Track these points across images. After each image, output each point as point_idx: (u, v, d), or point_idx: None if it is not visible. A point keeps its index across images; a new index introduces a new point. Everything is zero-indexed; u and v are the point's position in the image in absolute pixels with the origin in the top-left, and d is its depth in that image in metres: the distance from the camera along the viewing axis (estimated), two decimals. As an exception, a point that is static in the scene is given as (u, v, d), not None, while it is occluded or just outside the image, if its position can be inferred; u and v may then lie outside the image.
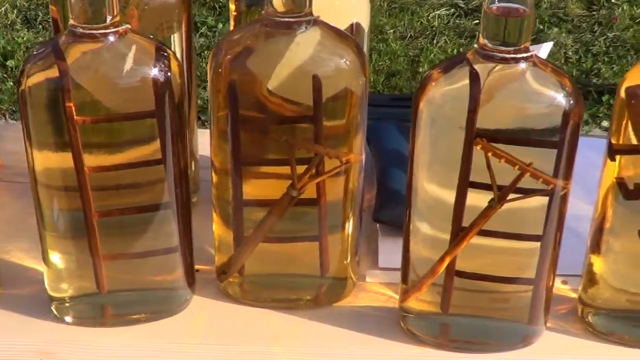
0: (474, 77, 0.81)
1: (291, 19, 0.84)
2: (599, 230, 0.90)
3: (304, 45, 0.85)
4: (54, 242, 0.90)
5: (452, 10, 3.38)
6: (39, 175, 0.87)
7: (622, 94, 0.84)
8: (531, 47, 0.82)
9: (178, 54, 1.00)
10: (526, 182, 0.83)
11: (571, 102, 0.81)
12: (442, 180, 0.85)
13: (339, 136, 0.88)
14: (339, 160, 0.88)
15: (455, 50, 3.05)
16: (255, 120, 0.87)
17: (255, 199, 0.91)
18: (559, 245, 0.88)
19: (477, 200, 0.84)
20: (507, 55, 0.80)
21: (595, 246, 0.91)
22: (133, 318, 0.93)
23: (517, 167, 0.82)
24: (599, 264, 0.91)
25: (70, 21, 0.82)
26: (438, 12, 3.37)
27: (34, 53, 0.85)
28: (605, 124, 2.69)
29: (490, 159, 0.82)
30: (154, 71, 0.84)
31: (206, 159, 0.96)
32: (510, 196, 0.83)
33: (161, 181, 0.88)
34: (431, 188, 0.85)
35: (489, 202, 0.84)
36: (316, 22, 0.86)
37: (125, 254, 0.91)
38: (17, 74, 0.97)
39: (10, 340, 0.91)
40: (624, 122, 0.84)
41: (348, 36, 0.89)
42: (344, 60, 0.86)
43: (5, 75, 2.91)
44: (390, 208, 1.02)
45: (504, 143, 0.81)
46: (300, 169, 0.88)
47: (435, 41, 3.17)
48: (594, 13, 3.39)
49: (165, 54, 0.85)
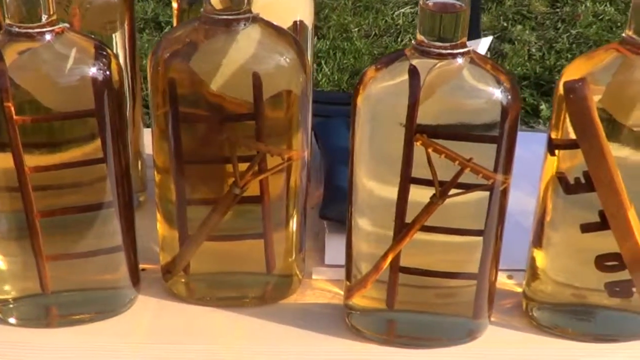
0: (413, 73, 0.81)
1: (230, 17, 0.84)
2: (540, 224, 0.90)
3: (243, 43, 0.85)
4: (-4, 244, 0.90)
5: (417, 8, 3.38)
6: (-21, 176, 0.87)
7: (561, 89, 0.84)
8: (469, 43, 0.82)
9: (121, 53, 1.00)
10: (467, 177, 0.83)
11: (509, 98, 0.81)
12: (382, 177, 0.85)
13: (281, 133, 0.88)
14: (281, 158, 0.88)
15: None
16: (196, 118, 0.87)
17: (199, 198, 0.91)
18: (500, 239, 0.88)
19: (420, 196, 0.84)
20: (444, 51, 0.80)
21: (537, 240, 0.91)
22: (78, 318, 0.93)
23: (458, 163, 0.82)
24: (540, 258, 0.91)
25: (7, 20, 0.82)
26: (402, 10, 3.38)
27: (-28, 53, 0.84)
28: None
29: (431, 154, 0.82)
30: (93, 70, 0.84)
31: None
32: (452, 191, 0.84)
33: (103, 180, 0.88)
34: (371, 184, 0.85)
35: (431, 198, 0.84)
36: (256, 20, 0.86)
37: (69, 254, 0.90)
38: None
39: (-47, 342, 0.91)
40: (563, 117, 0.84)
41: (288, 34, 0.89)
42: (284, 57, 0.86)
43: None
44: (336, 205, 1.03)
45: (443, 139, 0.82)
46: (244, 166, 0.88)
47: (399, 39, 3.18)
48: (558, 10, 3.42)
49: (105, 53, 0.85)
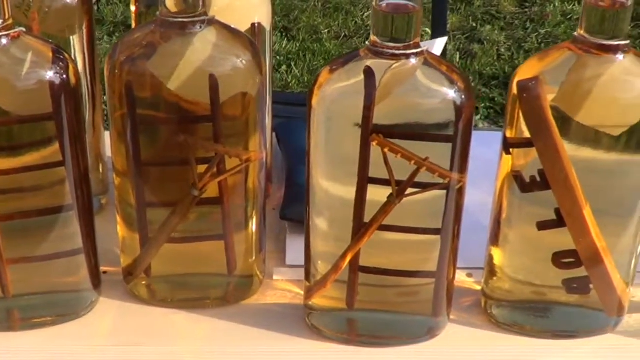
0: (369, 74, 0.82)
1: (185, 19, 0.85)
2: (496, 223, 0.91)
3: (199, 45, 0.85)
4: (-44, 248, 0.90)
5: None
6: (-62, 181, 0.87)
7: (514, 88, 0.85)
8: (424, 44, 0.83)
9: (80, 56, 1.00)
10: (424, 177, 0.84)
11: (463, 97, 0.82)
12: (339, 177, 0.86)
13: (239, 135, 0.89)
14: (239, 159, 0.89)
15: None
16: (153, 121, 0.87)
17: (158, 200, 0.91)
18: (457, 237, 0.89)
19: (377, 195, 0.85)
20: (397, 52, 0.81)
21: (494, 238, 0.92)
22: (39, 321, 0.93)
23: (414, 162, 0.83)
24: (497, 256, 0.92)
25: (-37, 25, 0.82)
26: (372, 12, 3.39)
27: None
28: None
29: (387, 154, 0.83)
30: (50, 74, 0.84)
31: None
32: (409, 191, 0.84)
33: (62, 183, 0.88)
34: (328, 185, 0.86)
35: (388, 198, 0.85)
36: (212, 22, 0.86)
37: (30, 257, 0.90)
38: None
39: None
40: (517, 116, 0.85)
41: (244, 35, 0.89)
42: (240, 59, 0.86)
43: None
44: (297, 206, 1.03)
45: (399, 138, 0.82)
46: (203, 168, 0.89)
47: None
48: (527, 10, 3.43)
49: (62, 57, 0.85)
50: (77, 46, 1.00)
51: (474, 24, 3.32)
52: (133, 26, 1.02)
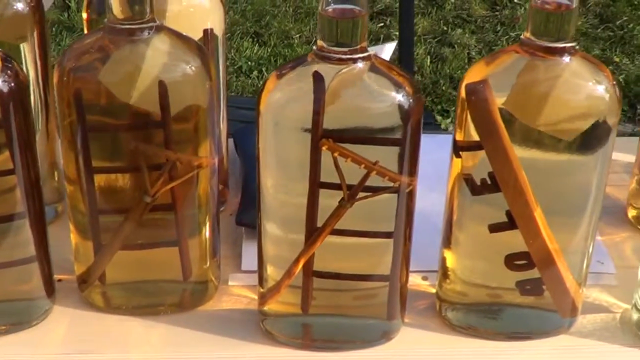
0: (318, 79, 0.82)
1: (133, 26, 0.84)
2: (448, 225, 0.91)
3: (148, 52, 0.85)
4: None
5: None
6: None
7: (463, 91, 0.85)
8: (373, 48, 0.83)
9: (32, 64, 1.00)
10: (375, 180, 0.84)
11: (410, 101, 0.82)
12: (288, 182, 0.86)
13: (190, 141, 0.89)
14: (191, 165, 0.89)
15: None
16: (103, 127, 0.87)
17: (110, 207, 0.91)
18: (409, 240, 0.89)
19: (329, 199, 0.85)
20: (344, 56, 0.81)
21: (446, 241, 0.92)
22: (-7, 330, 0.93)
23: (364, 166, 0.83)
24: (450, 259, 0.92)
25: None
26: (343, 16, 3.39)
27: None
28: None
29: (338, 158, 0.83)
30: (-1, 82, 0.84)
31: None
32: (360, 194, 0.84)
33: (13, 191, 0.88)
34: (277, 189, 0.86)
35: (340, 202, 0.85)
36: (160, 29, 0.86)
37: (-19, 266, 0.90)
38: None
39: None
40: (465, 119, 0.85)
41: (193, 42, 0.89)
42: (190, 66, 0.86)
43: None
44: (253, 211, 1.02)
45: (349, 143, 0.82)
46: (155, 174, 0.88)
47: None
48: (497, 13, 3.45)
49: (10, 65, 0.85)
50: (29, 55, 1.00)
51: (445, 28, 3.33)
52: (85, 33, 1.01)
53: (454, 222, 0.90)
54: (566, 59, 0.84)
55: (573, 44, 0.84)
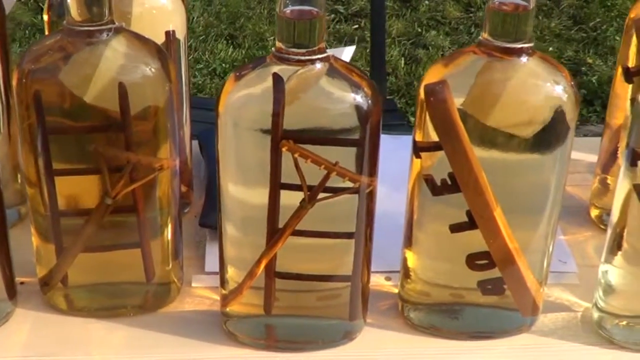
0: (277, 80, 0.82)
1: (92, 28, 0.84)
2: (409, 225, 0.92)
3: (107, 54, 0.85)
4: None
5: (332, 15, 3.41)
6: None
7: (422, 92, 0.86)
8: (333, 50, 0.84)
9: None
10: (336, 181, 0.84)
11: (369, 103, 0.83)
12: (248, 183, 0.86)
13: (150, 142, 0.89)
14: (152, 167, 0.89)
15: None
16: (63, 129, 0.87)
17: (72, 209, 0.91)
18: (370, 241, 0.90)
19: (290, 200, 0.85)
20: (302, 57, 0.81)
21: (407, 241, 0.93)
22: (-46, 334, 0.93)
23: (324, 167, 0.83)
24: (411, 259, 0.93)
25: None
26: (318, 18, 3.39)
27: None
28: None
29: (298, 159, 0.83)
30: (-44, 85, 0.84)
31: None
32: (321, 195, 0.85)
33: (-28, 194, 0.88)
34: (237, 190, 0.86)
35: (300, 203, 0.85)
36: (119, 30, 0.86)
37: (-59, 270, 0.90)
38: None
39: None
40: (424, 120, 0.86)
41: (152, 43, 0.89)
42: (149, 67, 0.86)
43: None
44: (215, 213, 1.03)
45: (308, 144, 0.83)
46: (116, 176, 0.88)
47: (315, 47, 3.19)
48: (471, 15, 3.46)
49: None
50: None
51: (419, 30, 3.33)
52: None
53: (414, 222, 0.91)
54: (524, 59, 0.84)
55: (530, 45, 0.84)
